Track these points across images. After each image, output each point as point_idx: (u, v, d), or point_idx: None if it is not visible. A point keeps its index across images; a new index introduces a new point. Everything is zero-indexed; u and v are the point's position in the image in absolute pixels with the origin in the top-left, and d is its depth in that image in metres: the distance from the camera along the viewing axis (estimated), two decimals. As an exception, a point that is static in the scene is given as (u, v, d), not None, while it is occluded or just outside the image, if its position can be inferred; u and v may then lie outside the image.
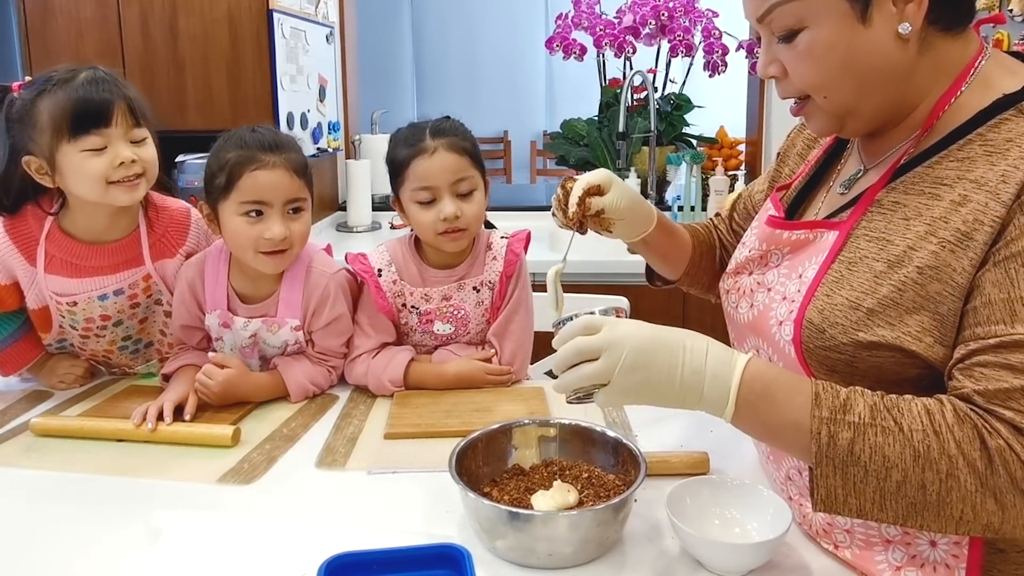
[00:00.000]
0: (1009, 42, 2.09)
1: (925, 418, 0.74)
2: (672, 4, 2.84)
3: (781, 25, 0.84)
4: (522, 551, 0.89)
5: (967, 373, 0.75)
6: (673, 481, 0.94)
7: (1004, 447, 0.72)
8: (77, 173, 1.27)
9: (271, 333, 1.41)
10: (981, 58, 0.85)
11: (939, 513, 0.73)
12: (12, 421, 1.33)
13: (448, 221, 1.36)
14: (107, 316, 1.43)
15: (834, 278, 0.84)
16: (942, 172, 0.81)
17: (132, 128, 1.29)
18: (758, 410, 0.81)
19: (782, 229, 0.95)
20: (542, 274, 1.13)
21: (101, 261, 1.38)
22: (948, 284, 0.77)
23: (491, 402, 1.34)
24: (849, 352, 0.81)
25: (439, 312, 1.45)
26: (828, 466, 0.76)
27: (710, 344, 0.83)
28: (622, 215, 1.11)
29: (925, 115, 0.86)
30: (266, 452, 1.20)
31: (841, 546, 0.89)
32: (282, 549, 0.94)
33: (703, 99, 3.15)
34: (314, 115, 2.84)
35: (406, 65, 6.40)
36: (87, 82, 1.26)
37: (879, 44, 0.81)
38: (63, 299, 1.39)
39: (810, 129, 0.93)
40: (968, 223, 0.77)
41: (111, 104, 1.26)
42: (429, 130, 1.38)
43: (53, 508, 1.04)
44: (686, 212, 2.83)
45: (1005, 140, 0.78)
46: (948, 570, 0.81)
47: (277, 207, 1.31)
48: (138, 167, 1.30)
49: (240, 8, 2.48)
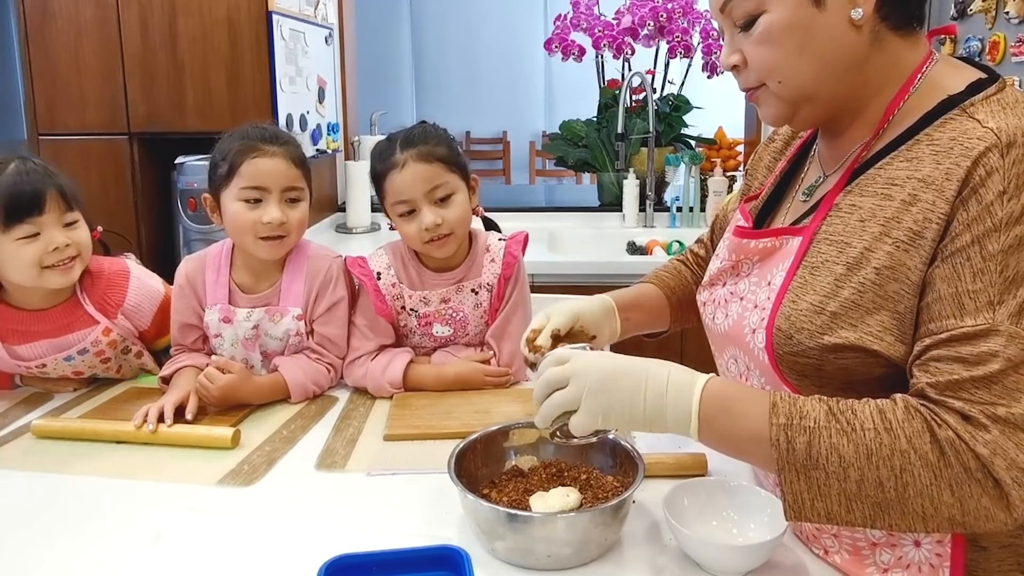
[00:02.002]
0: (1005, 44, 2.09)
1: (877, 416, 0.76)
2: (671, 5, 2.84)
3: (741, 12, 0.86)
4: (521, 552, 0.89)
5: (923, 368, 0.77)
6: (671, 482, 0.95)
7: (953, 437, 0.73)
8: (11, 260, 1.32)
9: (273, 323, 1.42)
10: (929, 62, 0.87)
11: (902, 510, 0.74)
12: (13, 423, 1.33)
13: (430, 230, 1.37)
14: (79, 372, 1.47)
15: (799, 284, 0.86)
16: (893, 172, 0.83)
17: (64, 212, 1.34)
18: (719, 426, 0.83)
19: (749, 238, 0.97)
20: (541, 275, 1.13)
21: (47, 325, 1.41)
22: (904, 283, 0.79)
23: (490, 403, 1.35)
24: (816, 356, 0.83)
25: (438, 314, 1.45)
26: (791, 472, 0.77)
27: (671, 369, 0.87)
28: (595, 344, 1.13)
29: (877, 117, 0.88)
30: (266, 454, 1.20)
31: (830, 551, 0.90)
32: (282, 551, 0.94)
33: (702, 100, 3.15)
34: (313, 116, 2.84)
35: (405, 66, 6.40)
36: (17, 174, 1.31)
37: (833, 28, 0.83)
38: (32, 362, 1.42)
39: (762, 117, 0.95)
40: (919, 222, 0.79)
41: (42, 193, 1.31)
42: (399, 142, 1.38)
43: (53, 510, 1.05)
44: (684, 213, 2.83)
45: (949, 139, 0.80)
46: (933, 570, 0.83)
47: (275, 193, 1.36)
48: (72, 250, 1.35)
49: (239, 10, 2.48)
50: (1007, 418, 0.72)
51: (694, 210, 2.83)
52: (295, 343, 1.44)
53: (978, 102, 0.81)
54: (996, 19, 2.15)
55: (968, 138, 0.78)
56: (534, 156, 6.31)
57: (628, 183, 2.84)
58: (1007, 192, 0.74)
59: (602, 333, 1.16)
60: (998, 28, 2.14)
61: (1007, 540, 0.82)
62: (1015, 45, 2.08)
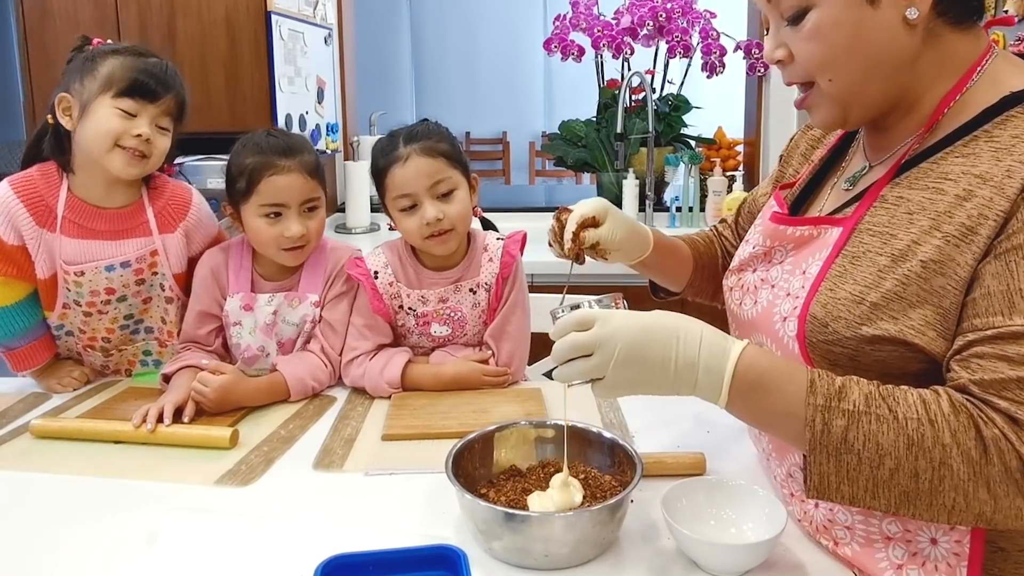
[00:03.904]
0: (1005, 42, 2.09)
1: (920, 407, 0.75)
2: (670, 5, 2.84)
3: (790, 4, 0.84)
4: (518, 552, 0.89)
5: (964, 364, 0.76)
6: (669, 482, 0.95)
7: (1000, 436, 0.72)
8: (96, 123, 1.33)
9: (291, 308, 1.46)
10: (989, 56, 0.85)
11: (931, 502, 0.74)
12: (11, 423, 1.33)
13: (432, 225, 1.37)
14: (112, 290, 1.45)
15: (838, 272, 0.85)
16: (947, 167, 0.82)
17: (165, 117, 1.38)
18: (752, 400, 0.82)
19: (786, 225, 0.95)
20: (540, 275, 1.13)
21: (105, 225, 1.42)
22: (951, 278, 0.77)
23: (488, 403, 1.35)
24: (852, 346, 0.81)
25: (436, 314, 1.45)
26: (822, 453, 0.76)
27: (704, 331, 0.84)
28: (618, 245, 1.12)
29: (930, 111, 0.86)
30: (264, 454, 1.20)
31: (841, 543, 0.88)
32: (279, 550, 0.94)
33: (701, 100, 3.15)
34: (312, 117, 2.85)
35: (405, 66, 6.40)
36: (157, 65, 1.38)
37: (885, 26, 0.81)
38: (71, 268, 1.41)
39: (814, 122, 0.93)
40: (972, 218, 0.77)
41: (165, 90, 1.37)
42: (402, 137, 1.39)
43: (51, 510, 1.05)
44: (684, 213, 2.83)
45: (1011, 137, 0.79)
46: (950, 568, 0.81)
47: (294, 207, 1.40)
48: (147, 148, 1.36)
49: (238, 10, 2.48)
50: None
51: (694, 210, 2.83)
52: (309, 330, 1.47)
53: None
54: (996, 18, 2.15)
55: None
56: (534, 156, 6.32)
57: (628, 183, 2.84)
58: None
59: (631, 241, 1.14)
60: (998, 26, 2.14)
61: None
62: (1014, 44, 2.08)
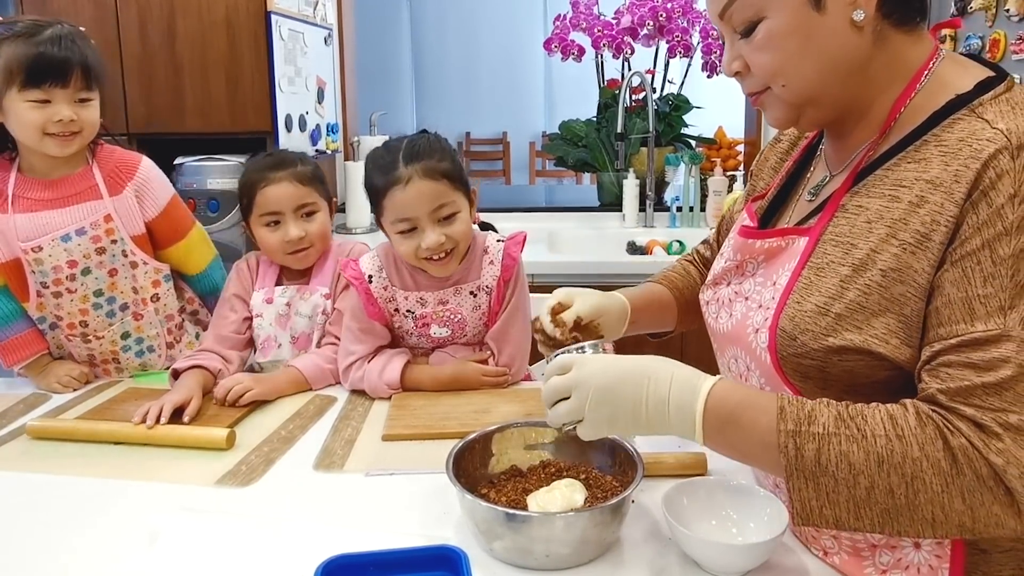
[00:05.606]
0: (1006, 41, 2.09)
1: (888, 423, 0.75)
2: (670, 5, 2.84)
3: (741, 19, 0.86)
4: (519, 552, 0.89)
5: (933, 374, 0.76)
6: (670, 482, 0.94)
7: (967, 445, 0.72)
8: (16, 119, 1.37)
9: (303, 300, 1.54)
10: (935, 59, 0.86)
11: (912, 517, 0.74)
12: (9, 424, 1.33)
13: (431, 250, 1.33)
14: (73, 262, 1.46)
15: (804, 284, 0.86)
16: (901, 174, 0.82)
17: (81, 90, 1.38)
18: (726, 434, 0.83)
19: (754, 238, 0.96)
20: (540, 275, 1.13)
21: (53, 193, 1.45)
22: (911, 285, 0.78)
23: (489, 403, 1.34)
24: (820, 358, 0.82)
25: (435, 316, 1.45)
26: (799, 479, 0.77)
27: (676, 371, 0.86)
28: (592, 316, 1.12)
29: (883, 116, 0.87)
30: (264, 454, 1.20)
31: (830, 552, 0.89)
32: (279, 551, 0.94)
33: (701, 100, 3.15)
34: (312, 117, 2.84)
35: (405, 67, 6.40)
36: (50, 40, 1.35)
37: (834, 30, 0.82)
38: (28, 244, 1.43)
39: (768, 120, 0.94)
40: (926, 224, 0.78)
41: (67, 65, 1.35)
42: (402, 154, 1.31)
43: (52, 511, 1.05)
44: (684, 213, 2.83)
45: (958, 140, 0.79)
46: (932, 571, 0.82)
47: (289, 213, 1.50)
48: (75, 126, 1.39)
49: (238, 10, 2.48)
50: (1019, 426, 0.71)
51: (694, 210, 2.83)
52: (322, 322, 1.53)
53: (987, 102, 0.80)
54: (996, 17, 2.15)
55: (977, 139, 0.77)
56: (534, 156, 6.32)
57: (628, 183, 2.84)
58: (1018, 195, 0.73)
59: (612, 333, 1.16)
60: (998, 26, 2.14)
61: (1008, 544, 0.82)
62: (1015, 43, 2.07)
